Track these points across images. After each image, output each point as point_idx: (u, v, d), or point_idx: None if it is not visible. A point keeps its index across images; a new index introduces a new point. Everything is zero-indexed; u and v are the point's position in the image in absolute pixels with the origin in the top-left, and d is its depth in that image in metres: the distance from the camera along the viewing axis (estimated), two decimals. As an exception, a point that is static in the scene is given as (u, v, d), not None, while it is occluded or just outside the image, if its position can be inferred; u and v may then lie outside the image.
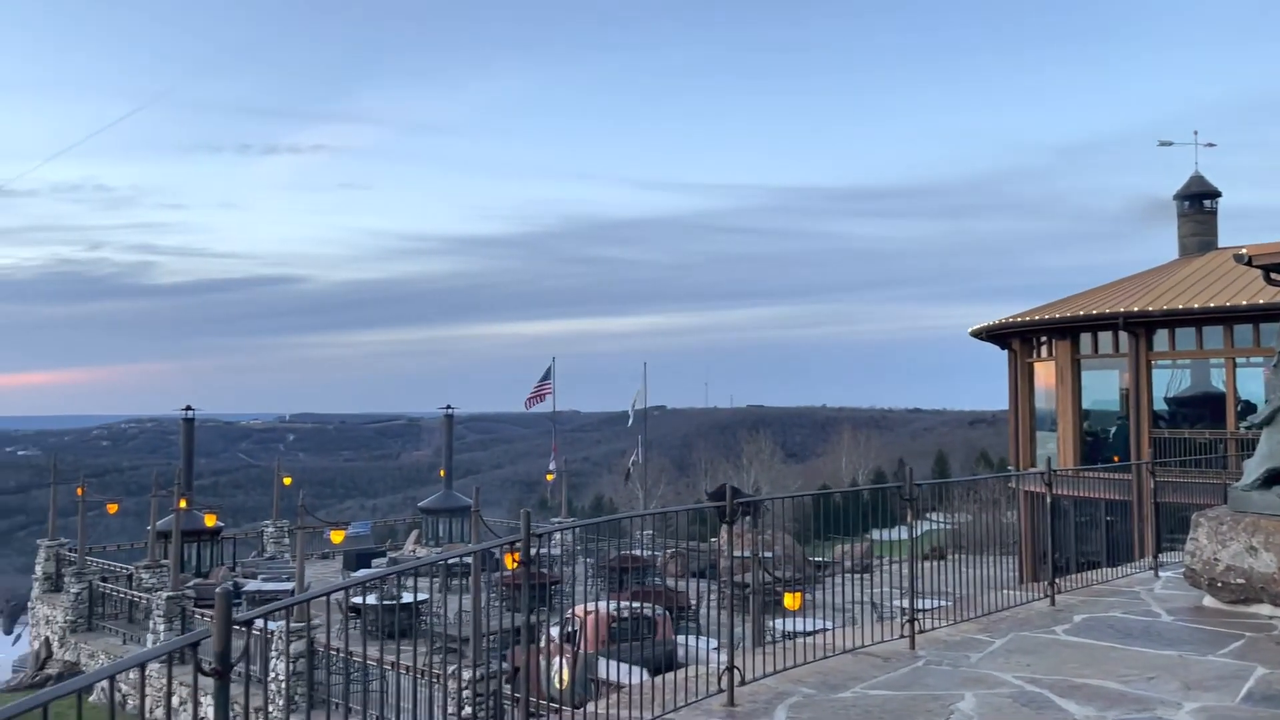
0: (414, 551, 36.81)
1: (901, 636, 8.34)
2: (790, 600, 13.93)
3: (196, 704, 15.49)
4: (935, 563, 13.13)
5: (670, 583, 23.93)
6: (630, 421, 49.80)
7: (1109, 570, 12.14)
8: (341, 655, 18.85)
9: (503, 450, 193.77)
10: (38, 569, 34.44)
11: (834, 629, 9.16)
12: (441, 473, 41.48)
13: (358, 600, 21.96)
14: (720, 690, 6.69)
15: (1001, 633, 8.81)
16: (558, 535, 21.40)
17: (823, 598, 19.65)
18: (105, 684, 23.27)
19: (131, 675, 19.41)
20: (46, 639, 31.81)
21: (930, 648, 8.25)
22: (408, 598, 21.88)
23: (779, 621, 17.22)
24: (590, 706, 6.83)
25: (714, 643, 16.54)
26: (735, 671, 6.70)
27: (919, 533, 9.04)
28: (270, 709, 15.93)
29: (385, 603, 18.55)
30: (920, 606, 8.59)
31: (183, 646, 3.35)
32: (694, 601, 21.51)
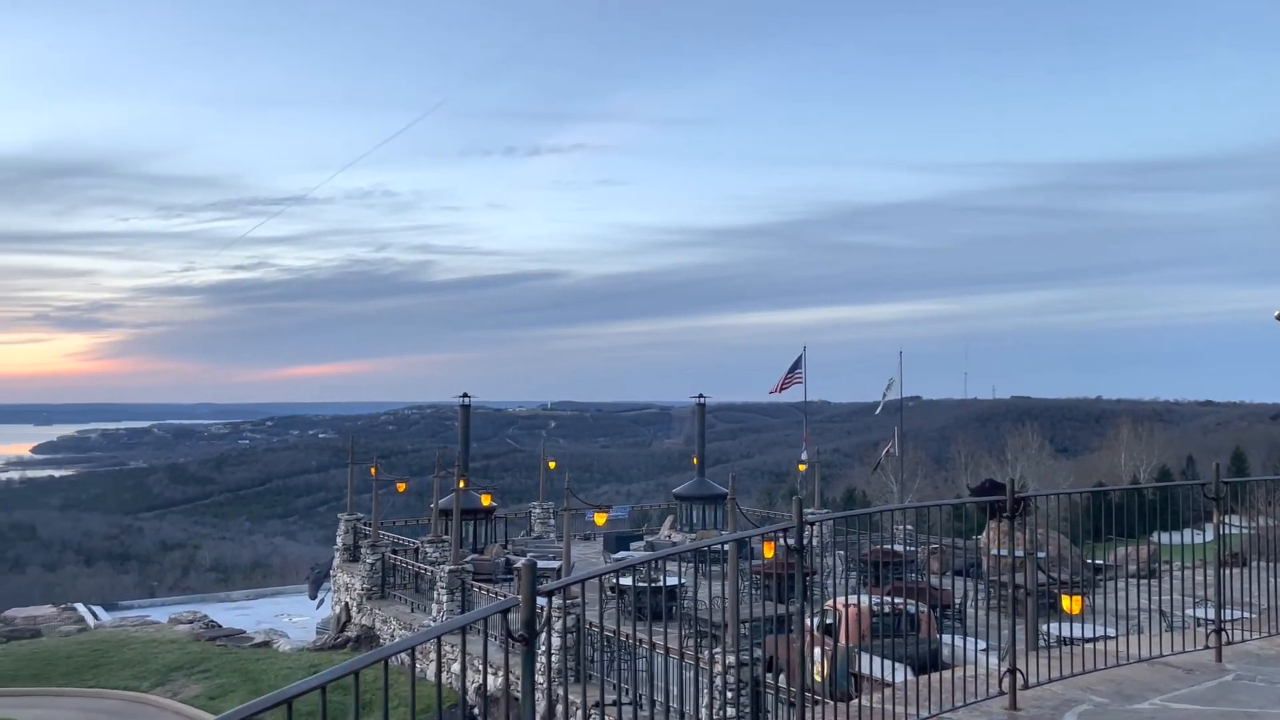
0: (669, 536, 37.69)
1: (1206, 648, 7.64)
2: (1070, 603, 13.07)
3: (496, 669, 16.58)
4: (1238, 570, 11.93)
5: (931, 579, 23.13)
6: (879, 410, 48.45)
7: None
8: (605, 633, 19.65)
9: (752, 440, 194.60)
10: (338, 540, 38.22)
11: (1120, 636, 8.54)
12: (694, 460, 42.21)
13: (620, 580, 22.81)
14: (1001, 693, 6.41)
15: (1327, 651, 7.88)
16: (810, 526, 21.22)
17: (1104, 603, 18.33)
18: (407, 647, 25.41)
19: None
20: (346, 604, 35.25)
21: (1240, 661, 7.51)
22: (666, 581, 22.45)
23: (1054, 625, 16.23)
24: (864, 700, 6.74)
25: (981, 644, 15.83)
26: (1017, 674, 6.40)
27: (1215, 536, 8.25)
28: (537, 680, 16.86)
29: (646, 585, 19.13)
30: (1225, 616, 7.84)
31: (497, 612, 3.64)
32: (957, 600, 20.69)
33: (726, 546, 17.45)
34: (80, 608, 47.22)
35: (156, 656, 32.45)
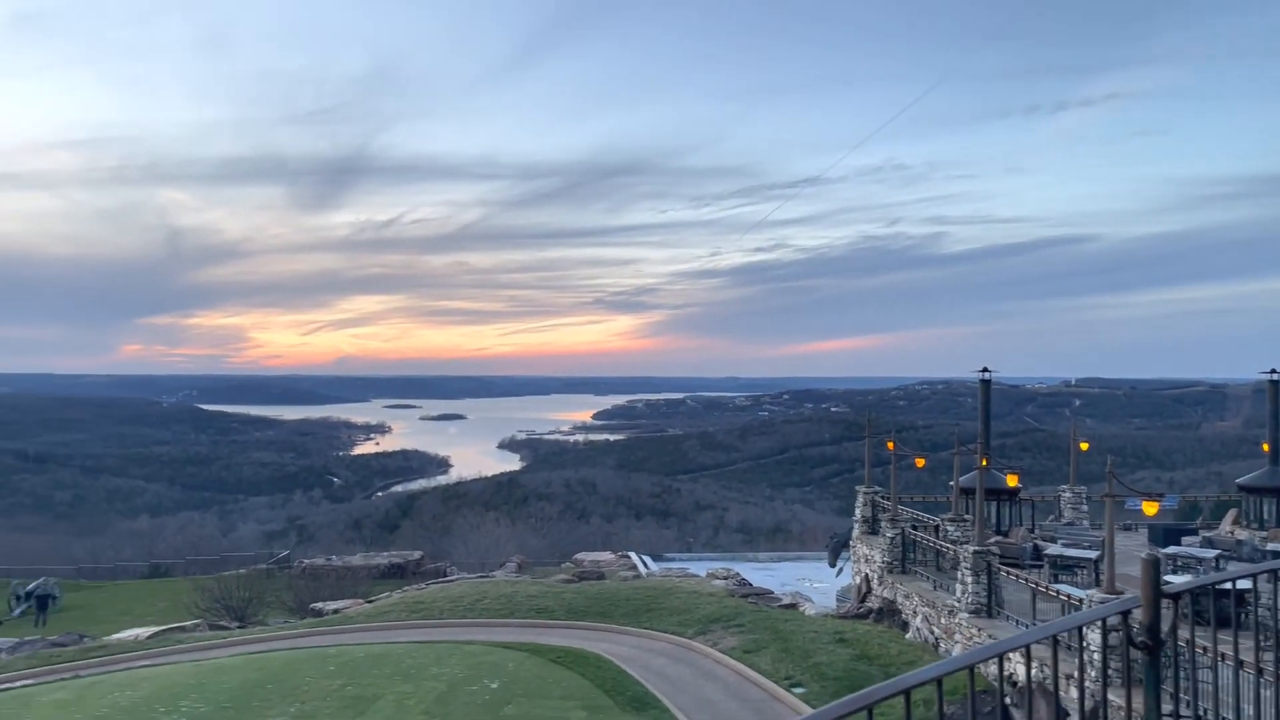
0: (1231, 533, 32.82)
1: None
2: None
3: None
4: None
5: None
6: None
7: None
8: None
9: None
10: (857, 512, 38.91)
11: None
12: (1264, 447, 36.21)
13: (1171, 580, 20.30)
14: None
15: None
16: None
17: None
18: (1022, 644, 25.15)
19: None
20: (866, 576, 35.79)
21: None
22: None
23: None
24: None
25: None
26: None
27: None
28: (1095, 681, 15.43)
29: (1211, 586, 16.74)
30: None
31: (1116, 613, 3.24)
32: None
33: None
34: (633, 556, 53.82)
35: (698, 607, 35.66)
